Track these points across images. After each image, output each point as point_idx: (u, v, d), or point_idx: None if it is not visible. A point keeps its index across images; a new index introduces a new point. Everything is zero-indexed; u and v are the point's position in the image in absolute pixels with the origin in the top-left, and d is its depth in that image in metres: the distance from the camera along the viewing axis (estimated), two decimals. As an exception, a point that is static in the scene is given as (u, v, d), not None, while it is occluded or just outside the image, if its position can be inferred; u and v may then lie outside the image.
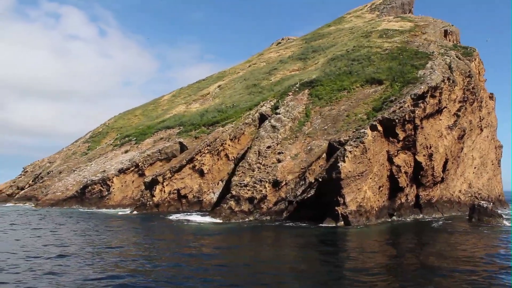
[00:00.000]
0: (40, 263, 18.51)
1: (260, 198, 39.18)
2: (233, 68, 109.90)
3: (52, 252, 21.09)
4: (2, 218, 41.11)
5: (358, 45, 69.86)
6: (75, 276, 15.96)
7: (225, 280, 15.70)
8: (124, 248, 23.00)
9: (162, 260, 19.59)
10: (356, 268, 18.00)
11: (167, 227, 34.02)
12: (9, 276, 16.13)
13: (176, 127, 67.02)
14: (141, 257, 20.11)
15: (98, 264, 18.27)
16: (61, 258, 19.62)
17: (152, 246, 23.95)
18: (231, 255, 21.62)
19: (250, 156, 43.81)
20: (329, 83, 56.39)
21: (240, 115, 57.71)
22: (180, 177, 47.44)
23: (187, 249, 23.05)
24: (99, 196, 57.93)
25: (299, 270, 17.75)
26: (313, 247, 24.77)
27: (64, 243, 24.57)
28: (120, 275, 16.20)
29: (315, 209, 40.67)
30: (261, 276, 16.45)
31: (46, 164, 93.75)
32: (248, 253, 22.56)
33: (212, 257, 21.05)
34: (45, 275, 16.25)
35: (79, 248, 22.73)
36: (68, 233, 29.75)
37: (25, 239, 26.40)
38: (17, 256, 20.12)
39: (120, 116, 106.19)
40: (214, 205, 48.51)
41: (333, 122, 47.93)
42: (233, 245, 25.67)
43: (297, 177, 41.40)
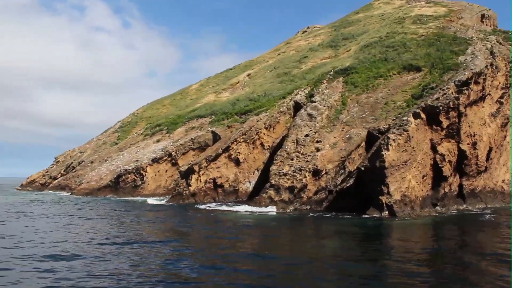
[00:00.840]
0: (101, 250, 18.32)
1: (301, 187, 38.59)
2: (261, 57, 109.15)
3: (103, 240, 20.92)
4: (47, 206, 41.55)
5: (392, 32, 68.37)
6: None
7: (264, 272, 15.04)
8: (178, 240, 22.70)
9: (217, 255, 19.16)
10: (402, 266, 15.96)
11: (209, 217, 33.69)
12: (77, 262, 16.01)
13: (207, 116, 66.71)
14: (190, 248, 19.79)
15: (160, 254, 17.95)
16: (116, 245, 19.42)
17: (200, 236, 23.66)
18: (278, 247, 21.04)
19: (288, 145, 43.20)
20: (365, 70, 55.31)
21: (274, 104, 57.03)
22: (216, 166, 47.11)
23: (234, 241, 22.64)
24: (133, 186, 58.13)
25: (340, 265, 16.61)
26: (358, 240, 23.58)
27: (112, 232, 24.43)
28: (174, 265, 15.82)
29: (355, 199, 40.06)
30: (300, 268, 15.76)
31: (77, 154, 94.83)
32: (291, 244, 21.88)
33: (251, 246, 20.69)
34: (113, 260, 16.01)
35: (138, 237, 22.52)
36: (114, 222, 29.66)
37: (75, 227, 26.43)
38: (74, 243, 19.98)
39: (148, 106, 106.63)
40: (250, 195, 48.24)
41: (371, 110, 46.93)
42: (281, 236, 25.02)
43: (337, 166, 40.67)
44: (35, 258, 16.62)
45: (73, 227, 26.70)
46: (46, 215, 33.46)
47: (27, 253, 17.54)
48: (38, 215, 33.48)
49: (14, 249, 18.71)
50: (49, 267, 15.14)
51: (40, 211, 37.34)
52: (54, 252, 17.79)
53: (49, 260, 16.38)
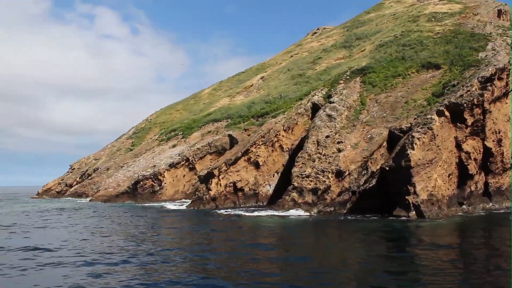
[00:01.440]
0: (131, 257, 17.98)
1: (324, 189, 38.09)
2: (273, 60, 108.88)
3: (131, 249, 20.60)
4: (70, 214, 41.40)
5: (407, 30, 67.69)
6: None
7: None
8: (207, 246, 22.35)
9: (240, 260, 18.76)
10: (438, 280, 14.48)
11: (233, 223, 33.22)
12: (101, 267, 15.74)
13: (223, 119, 66.41)
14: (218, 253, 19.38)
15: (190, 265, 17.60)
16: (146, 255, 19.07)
17: (230, 244, 23.23)
18: (306, 252, 20.25)
19: (308, 146, 42.72)
20: (382, 69, 54.75)
21: (291, 106, 56.60)
22: (235, 169, 46.72)
23: (263, 251, 22.19)
24: (151, 191, 57.93)
25: (367, 270, 15.87)
26: (387, 246, 22.53)
27: (140, 239, 24.11)
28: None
29: (378, 199, 39.51)
30: (327, 275, 15.12)
31: (92, 161, 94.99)
32: (318, 250, 20.96)
33: (277, 252, 20.19)
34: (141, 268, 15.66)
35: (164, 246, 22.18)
36: (140, 229, 29.36)
37: (96, 235, 26.14)
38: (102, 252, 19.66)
39: (161, 111, 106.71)
40: (270, 198, 47.77)
41: (392, 109, 46.34)
42: (307, 241, 24.34)
43: (360, 166, 40.12)
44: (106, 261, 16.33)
45: (115, 235, 26.40)
46: (89, 226, 33.10)
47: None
48: (73, 224, 33.25)
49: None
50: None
51: (76, 220, 37.07)
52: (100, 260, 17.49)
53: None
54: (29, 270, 15.98)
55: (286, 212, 37.01)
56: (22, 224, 32.23)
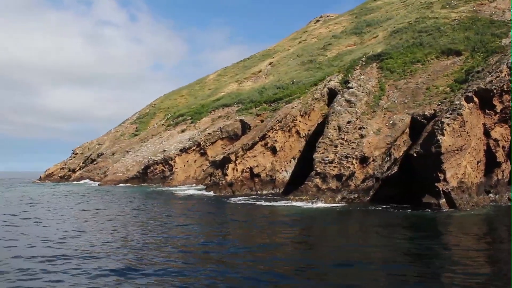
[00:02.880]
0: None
1: (349, 175, 37.16)
2: (278, 46, 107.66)
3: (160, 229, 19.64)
4: (84, 199, 40.35)
5: (421, 17, 66.49)
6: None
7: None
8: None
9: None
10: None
11: (257, 212, 32.11)
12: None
13: (234, 105, 65.27)
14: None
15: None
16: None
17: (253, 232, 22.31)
18: (336, 245, 18.74)
19: (329, 132, 41.72)
20: (400, 55, 53.70)
21: (305, 91, 55.52)
22: (252, 155, 45.68)
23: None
24: (161, 176, 56.88)
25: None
26: (421, 240, 19.82)
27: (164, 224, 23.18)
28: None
29: (400, 187, 38.75)
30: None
31: (96, 146, 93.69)
32: (349, 244, 18.99)
33: (304, 246, 19.19)
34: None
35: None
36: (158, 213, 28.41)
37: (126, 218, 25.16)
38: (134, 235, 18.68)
39: (165, 96, 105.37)
40: (287, 184, 46.84)
41: (413, 96, 45.35)
42: (335, 233, 22.87)
43: (383, 153, 39.22)
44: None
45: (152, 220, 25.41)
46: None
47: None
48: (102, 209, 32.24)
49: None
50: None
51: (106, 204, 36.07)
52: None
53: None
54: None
55: (307, 203, 35.69)
56: (59, 209, 31.24)
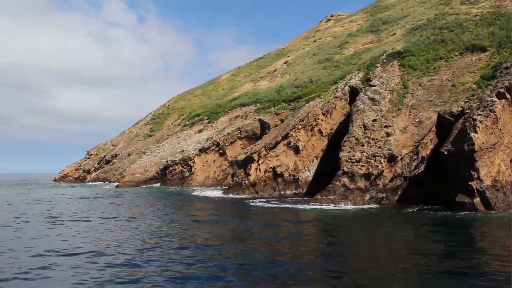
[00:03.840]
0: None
1: (377, 174, 36.45)
2: (291, 45, 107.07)
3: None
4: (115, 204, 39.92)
5: (441, 13, 65.55)
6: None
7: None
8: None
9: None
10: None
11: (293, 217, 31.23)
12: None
13: (251, 104, 64.65)
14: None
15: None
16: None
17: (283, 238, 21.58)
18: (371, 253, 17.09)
19: (355, 130, 40.99)
20: (421, 52, 52.84)
21: (325, 90, 54.85)
22: (275, 154, 45.04)
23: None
24: (180, 177, 56.36)
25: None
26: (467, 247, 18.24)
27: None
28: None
29: (427, 186, 38.09)
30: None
31: (110, 147, 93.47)
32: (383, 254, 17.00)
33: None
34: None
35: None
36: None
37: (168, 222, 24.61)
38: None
39: (179, 97, 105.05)
40: (310, 184, 46.17)
41: (438, 93, 44.51)
42: (368, 239, 20.93)
43: (411, 151, 38.42)
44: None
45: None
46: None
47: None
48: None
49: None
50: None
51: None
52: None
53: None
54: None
55: (336, 205, 34.87)
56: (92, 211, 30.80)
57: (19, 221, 23.65)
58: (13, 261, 14.08)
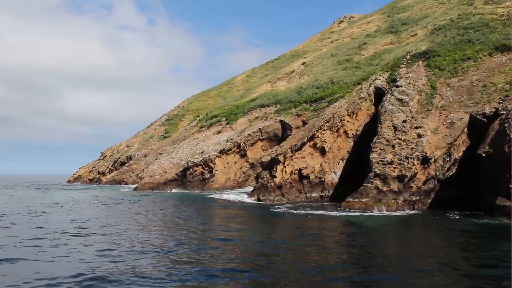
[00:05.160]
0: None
1: (411, 176, 35.36)
2: (306, 46, 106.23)
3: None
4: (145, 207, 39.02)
5: (464, 13, 64.44)
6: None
7: None
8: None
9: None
10: None
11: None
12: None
13: (271, 105, 63.74)
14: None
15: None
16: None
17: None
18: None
19: (385, 131, 39.97)
20: (448, 53, 51.76)
21: (348, 90, 53.84)
22: (300, 156, 44.07)
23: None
24: (201, 179, 55.48)
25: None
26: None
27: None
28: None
29: (460, 188, 37.11)
30: None
31: (124, 148, 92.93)
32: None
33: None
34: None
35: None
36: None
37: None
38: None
39: (193, 98, 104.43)
40: (336, 186, 45.18)
41: (469, 94, 43.40)
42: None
43: (444, 153, 37.34)
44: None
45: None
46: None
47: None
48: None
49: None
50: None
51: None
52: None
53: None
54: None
55: (368, 211, 33.84)
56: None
57: (45, 234, 20.60)
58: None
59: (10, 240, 18.91)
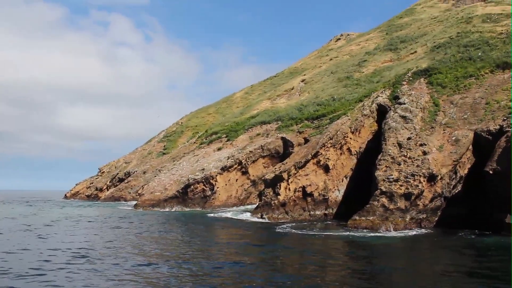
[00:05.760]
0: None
1: (417, 194, 35.17)
2: (304, 64, 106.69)
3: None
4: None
5: (463, 31, 64.92)
6: None
7: None
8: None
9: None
10: None
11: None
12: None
13: (272, 122, 63.64)
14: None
15: None
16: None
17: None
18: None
19: (389, 149, 39.84)
20: (449, 70, 51.98)
21: (350, 107, 53.83)
22: (304, 173, 43.81)
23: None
24: (202, 196, 55.03)
25: None
26: None
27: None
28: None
29: (466, 206, 37.01)
30: None
31: (123, 165, 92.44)
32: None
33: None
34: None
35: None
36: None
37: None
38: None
39: (192, 114, 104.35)
40: (340, 204, 44.88)
41: (472, 111, 43.47)
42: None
43: (450, 170, 37.21)
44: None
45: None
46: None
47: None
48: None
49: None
50: None
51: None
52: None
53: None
54: None
55: (374, 230, 33.39)
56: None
57: (45, 259, 19.60)
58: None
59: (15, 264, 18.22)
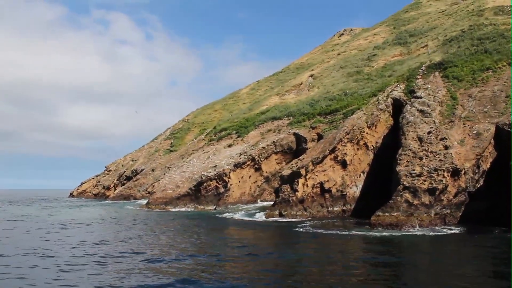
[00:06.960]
0: None
1: (442, 189, 34.48)
2: (310, 59, 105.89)
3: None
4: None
5: (476, 24, 64.18)
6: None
7: None
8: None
9: None
10: None
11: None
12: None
13: (284, 117, 62.93)
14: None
15: None
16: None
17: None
18: None
19: (410, 143, 39.13)
20: (465, 63, 51.27)
21: (363, 102, 53.18)
22: (322, 169, 43.14)
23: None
24: (215, 193, 54.31)
25: None
26: None
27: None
28: None
29: (488, 201, 36.33)
30: None
31: (129, 162, 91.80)
32: None
33: None
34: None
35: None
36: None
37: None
38: None
39: (198, 111, 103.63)
40: (358, 200, 44.23)
41: (492, 104, 42.80)
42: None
43: (473, 164, 36.53)
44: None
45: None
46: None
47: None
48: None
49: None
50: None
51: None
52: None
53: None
54: None
55: (398, 228, 32.56)
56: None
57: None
58: None
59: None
